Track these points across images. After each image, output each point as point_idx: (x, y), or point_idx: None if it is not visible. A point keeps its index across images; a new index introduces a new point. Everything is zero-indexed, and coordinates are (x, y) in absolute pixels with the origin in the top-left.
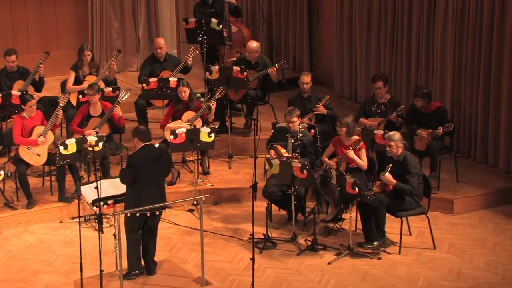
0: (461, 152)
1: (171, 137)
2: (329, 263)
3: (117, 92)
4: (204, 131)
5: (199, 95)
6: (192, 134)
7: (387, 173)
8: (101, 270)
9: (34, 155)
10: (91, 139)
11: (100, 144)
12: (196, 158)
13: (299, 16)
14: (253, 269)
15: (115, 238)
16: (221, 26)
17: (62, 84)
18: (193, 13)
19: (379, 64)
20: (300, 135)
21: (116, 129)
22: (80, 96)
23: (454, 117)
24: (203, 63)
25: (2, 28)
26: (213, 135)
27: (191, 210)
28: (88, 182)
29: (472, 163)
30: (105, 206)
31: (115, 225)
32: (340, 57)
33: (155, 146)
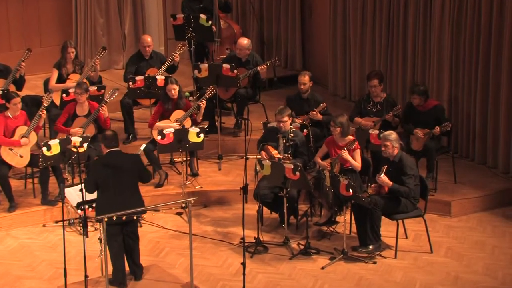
0: (459, 153)
1: (159, 138)
2: (323, 268)
3: (103, 91)
4: (193, 131)
5: (188, 94)
6: (181, 134)
7: (383, 175)
8: (86, 276)
9: (17, 157)
10: (76, 140)
11: (85, 145)
12: (185, 159)
13: (291, 12)
14: (244, 274)
15: (101, 243)
16: (210, 22)
17: (45, 83)
18: (181, 9)
19: (374, 61)
20: (292, 135)
21: (102, 130)
22: (64, 95)
23: (452, 116)
24: (192, 61)
25: None
26: (202, 136)
27: (180, 213)
28: (72, 185)
29: (471, 164)
30: (90, 210)
31: (101, 229)
32: (334, 54)
33: (122, 153)
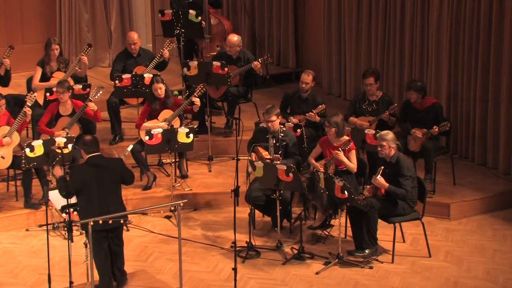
0: (458, 153)
1: (146, 138)
2: (317, 273)
3: (88, 90)
4: (182, 132)
5: (176, 93)
6: (169, 135)
7: (379, 176)
8: (71, 282)
9: None
10: (60, 141)
11: (70, 146)
12: (174, 161)
13: (284, 7)
14: (235, 280)
15: (86, 248)
16: (200, 18)
17: (28, 81)
18: (170, 4)
19: (370, 58)
20: (282, 135)
21: (87, 130)
22: (48, 94)
23: (451, 115)
24: (181, 58)
25: None
26: (192, 136)
27: (168, 217)
28: (57, 187)
29: (470, 165)
30: (75, 213)
31: (86, 234)
32: (328, 51)
33: (103, 157)
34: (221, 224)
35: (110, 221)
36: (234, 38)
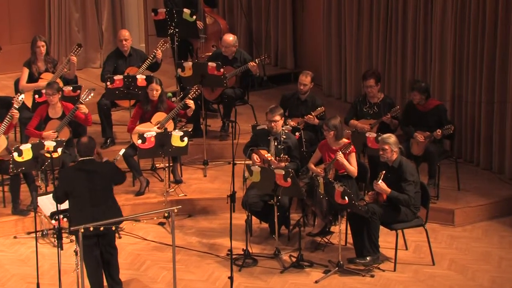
0: (463, 157)
1: (139, 142)
2: (316, 282)
3: (78, 92)
4: (176, 135)
5: (170, 95)
6: (163, 138)
7: (381, 181)
8: None
9: None
10: (49, 145)
11: (59, 150)
12: (167, 165)
13: (282, 6)
14: None
15: (77, 256)
16: (195, 17)
17: (16, 83)
18: (163, 3)
19: (371, 59)
20: (284, 137)
21: (77, 133)
22: (37, 96)
23: (455, 117)
24: (175, 59)
25: None
26: (186, 139)
27: (162, 224)
28: (46, 193)
29: (475, 169)
30: (65, 220)
31: (76, 241)
32: (328, 52)
33: (94, 162)
34: (217, 231)
35: (102, 228)
36: (230, 38)
